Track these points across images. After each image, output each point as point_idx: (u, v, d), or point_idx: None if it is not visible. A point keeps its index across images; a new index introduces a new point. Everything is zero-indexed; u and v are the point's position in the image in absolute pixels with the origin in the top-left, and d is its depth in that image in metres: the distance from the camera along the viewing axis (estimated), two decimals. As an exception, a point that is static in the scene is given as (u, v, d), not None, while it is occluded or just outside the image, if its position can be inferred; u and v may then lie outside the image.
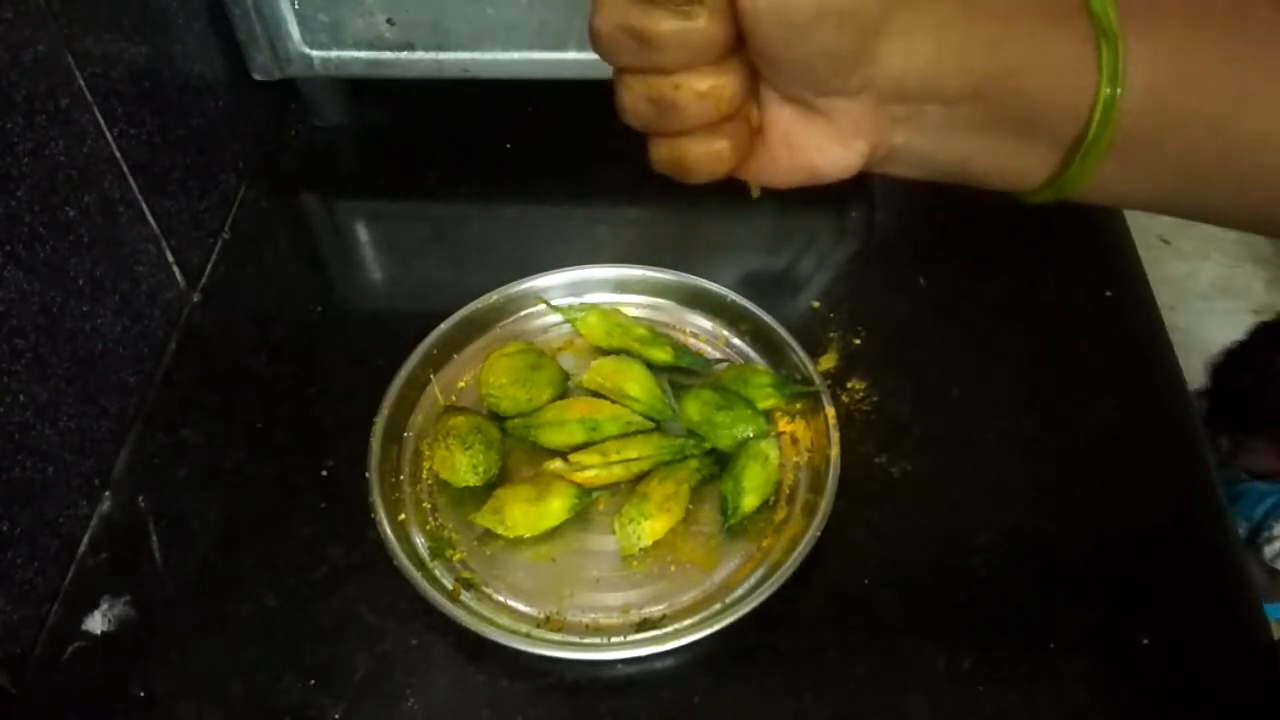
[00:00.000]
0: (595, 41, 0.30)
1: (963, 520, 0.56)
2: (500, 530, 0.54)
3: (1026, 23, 0.31)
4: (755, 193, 0.35)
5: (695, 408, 0.58)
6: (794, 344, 0.60)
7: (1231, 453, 1.15)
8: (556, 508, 0.54)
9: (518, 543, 0.55)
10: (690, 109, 0.31)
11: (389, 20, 0.71)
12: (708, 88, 0.30)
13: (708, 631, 0.49)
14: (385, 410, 0.58)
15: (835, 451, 0.55)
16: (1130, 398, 0.61)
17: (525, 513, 0.54)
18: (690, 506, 0.56)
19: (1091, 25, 0.30)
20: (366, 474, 0.55)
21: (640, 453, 0.57)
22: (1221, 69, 0.31)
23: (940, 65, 0.31)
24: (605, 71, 0.32)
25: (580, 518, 0.56)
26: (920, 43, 0.30)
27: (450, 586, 0.53)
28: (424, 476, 0.58)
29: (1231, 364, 1.15)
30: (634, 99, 0.31)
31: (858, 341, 0.64)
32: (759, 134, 0.33)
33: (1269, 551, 1.12)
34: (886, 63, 0.30)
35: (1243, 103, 0.31)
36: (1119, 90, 0.30)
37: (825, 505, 0.53)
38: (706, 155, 0.32)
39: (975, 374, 0.62)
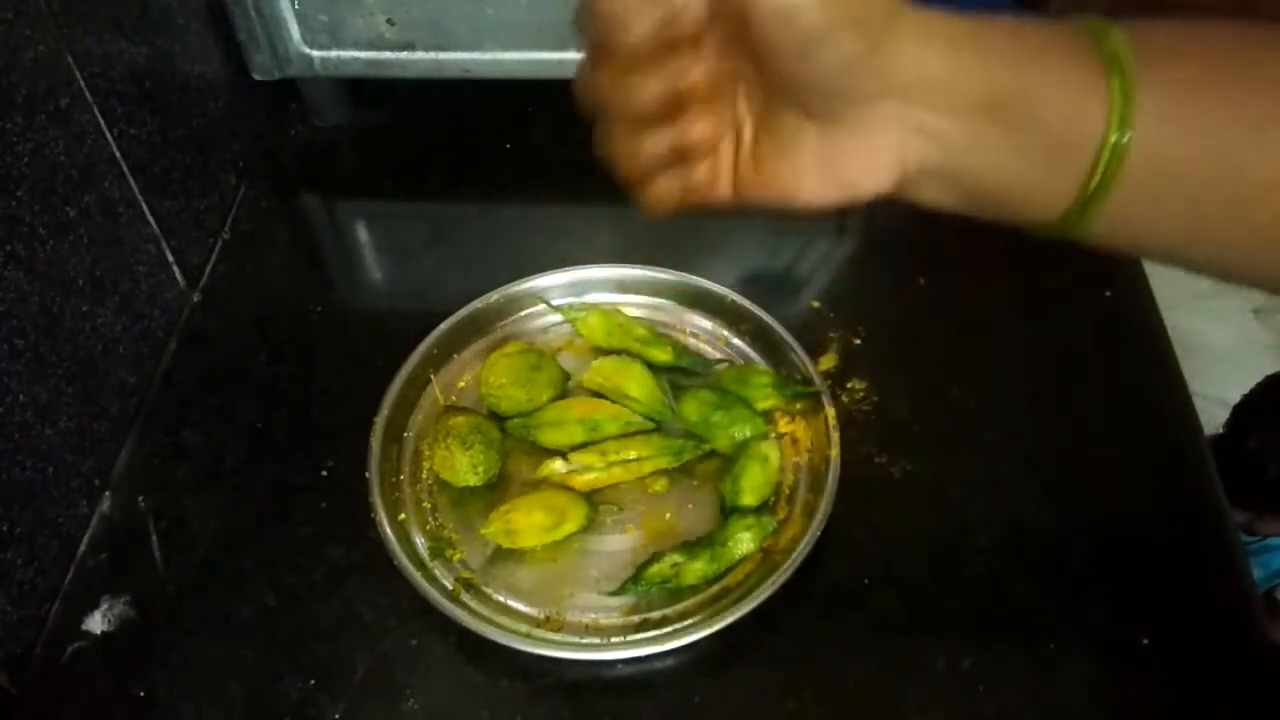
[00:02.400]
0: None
1: (963, 520, 0.56)
2: (508, 545, 0.54)
3: (1040, 48, 0.31)
4: (794, 212, 0.35)
5: (694, 408, 0.58)
6: (794, 344, 0.60)
7: (1248, 524, 1.14)
8: (569, 528, 0.54)
9: (518, 543, 0.55)
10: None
11: (389, 20, 0.71)
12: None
13: (708, 631, 0.49)
14: (385, 410, 0.58)
15: (835, 451, 0.55)
16: (1130, 398, 0.61)
17: (540, 536, 0.54)
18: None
19: (1104, 67, 0.31)
20: (366, 474, 0.55)
21: (640, 453, 0.57)
22: (1231, 117, 0.31)
23: (953, 73, 0.31)
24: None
25: (580, 518, 0.56)
26: (932, 50, 0.31)
27: (450, 586, 0.53)
28: (424, 476, 0.58)
29: (1241, 431, 1.12)
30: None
31: (858, 341, 0.64)
32: (786, 157, 0.34)
33: None
34: (900, 68, 0.31)
35: (1252, 151, 0.31)
36: (1127, 138, 0.30)
37: (825, 505, 0.53)
38: (680, 189, 0.35)
39: (975, 374, 0.62)
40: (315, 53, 0.73)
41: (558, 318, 0.64)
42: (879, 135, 0.33)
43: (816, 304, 0.66)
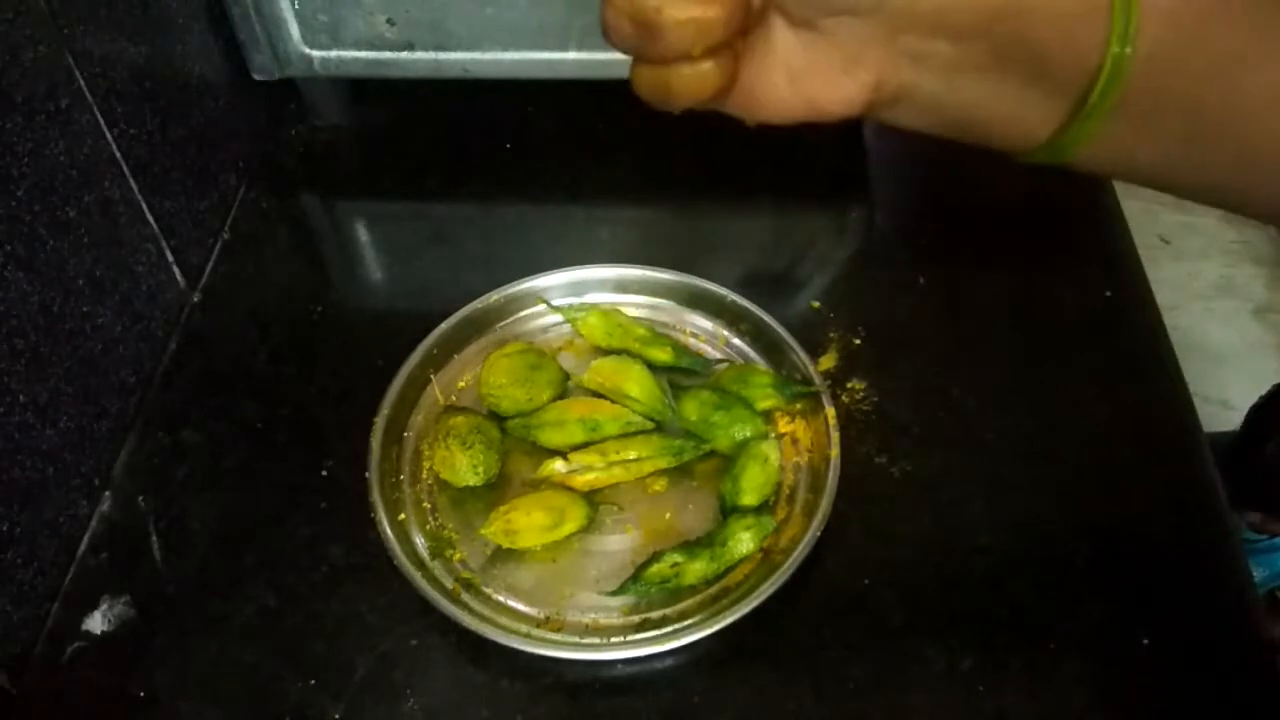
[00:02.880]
0: None
1: (963, 520, 0.56)
2: (508, 545, 0.54)
3: None
4: (751, 122, 0.33)
5: (693, 408, 0.58)
6: (794, 344, 0.60)
7: (1262, 523, 1.14)
8: (569, 528, 0.54)
9: (518, 543, 0.55)
10: (671, 35, 0.29)
11: (389, 20, 0.71)
12: (687, 17, 0.29)
13: (708, 631, 0.49)
14: (385, 410, 0.58)
15: (835, 451, 0.55)
16: (1130, 398, 0.61)
17: (540, 536, 0.54)
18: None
19: None
20: (366, 474, 0.55)
21: (640, 453, 0.57)
22: (1232, 30, 0.30)
23: None
24: (605, 72, 0.32)
25: (580, 518, 0.56)
26: None
27: (450, 586, 0.53)
28: (424, 476, 0.58)
29: (1257, 433, 1.12)
30: (617, 16, 0.30)
31: (858, 341, 0.64)
32: (755, 62, 0.32)
33: None
34: None
35: (1251, 65, 0.30)
36: (1128, 50, 0.29)
37: (825, 505, 0.53)
38: (690, 77, 0.31)
39: (975, 374, 0.62)
40: (315, 53, 0.73)
41: (557, 318, 0.64)
42: (860, 52, 0.31)
43: (816, 304, 0.66)
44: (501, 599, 0.53)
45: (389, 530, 0.53)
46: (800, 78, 0.32)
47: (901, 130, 0.35)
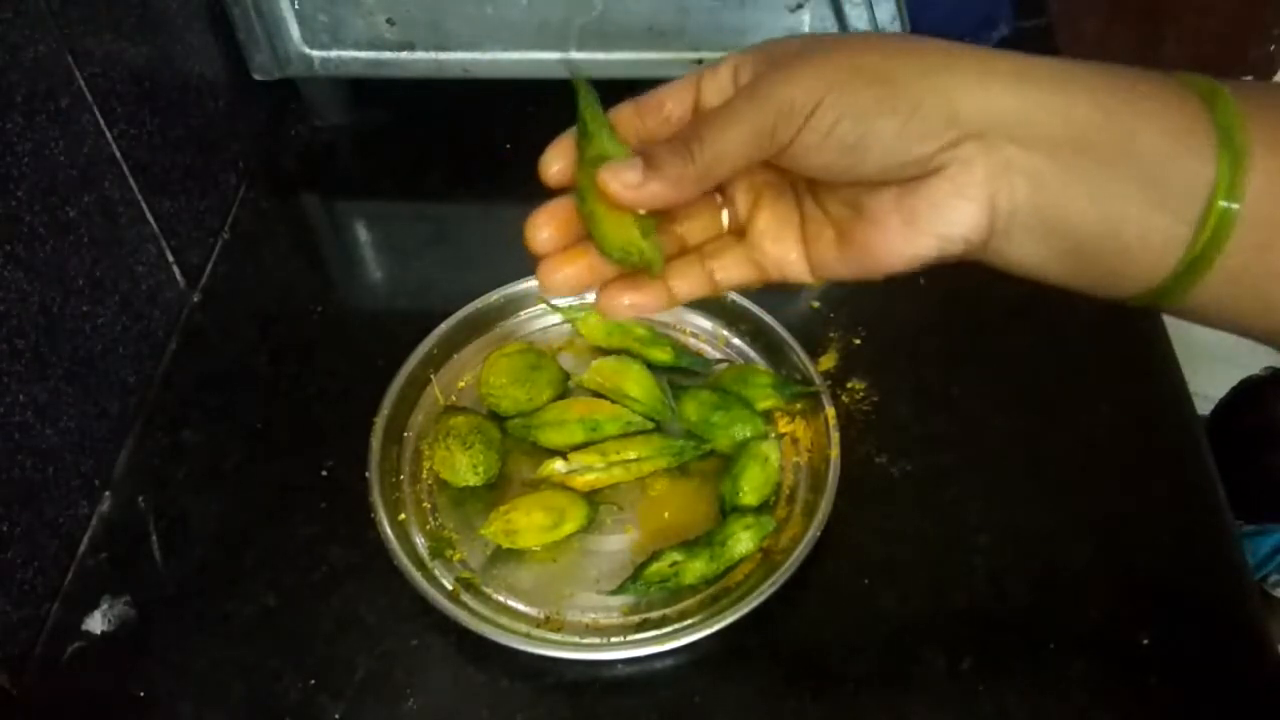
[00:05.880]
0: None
1: (963, 520, 0.56)
2: (508, 545, 0.54)
3: (1133, 90, 0.29)
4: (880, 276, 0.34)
5: (693, 408, 0.58)
6: (794, 344, 0.60)
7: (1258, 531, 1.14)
8: (569, 528, 0.54)
9: (518, 543, 0.55)
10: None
11: (389, 20, 0.71)
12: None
13: (708, 631, 0.49)
14: (385, 410, 0.58)
15: (835, 451, 0.55)
16: (1130, 398, 0.61)
17: (540, 536, 0.54)
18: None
19: (1209, 119, 0.29)
20: (366, 474, 0.55)
21: (640, 453, 0.57)
22: None
23: (1028, 108, 0.29)
24: (606, 72, 0.32)
25: (580, 518, 0.56)
26: (997, 87, 0.29)
27: (450, 586, 0.53)
28: (424, 476, 0.58)
29: (1227, 433, 1.12)
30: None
31: (858, 341, 0.64)
32: (862, 225, 0.33)
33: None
34: (967, 112, 0.29)
35: None
36: (1236, 206, 0.28)
37: (825, 505, 0.53)
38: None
39: (975, 374, 0.62)
40: (315, 53, 0.73)
41: (557, 318, 0.64)
42: (964, 173, 0.30)
43: (816, 304, 0.66)
44: (501, 599, 0.53)
45: (389, 530, 0.53)
46: (914, 220, 0.32)
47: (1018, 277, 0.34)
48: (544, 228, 0.35)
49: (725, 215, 0.36)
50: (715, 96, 0.33)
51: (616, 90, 0.36)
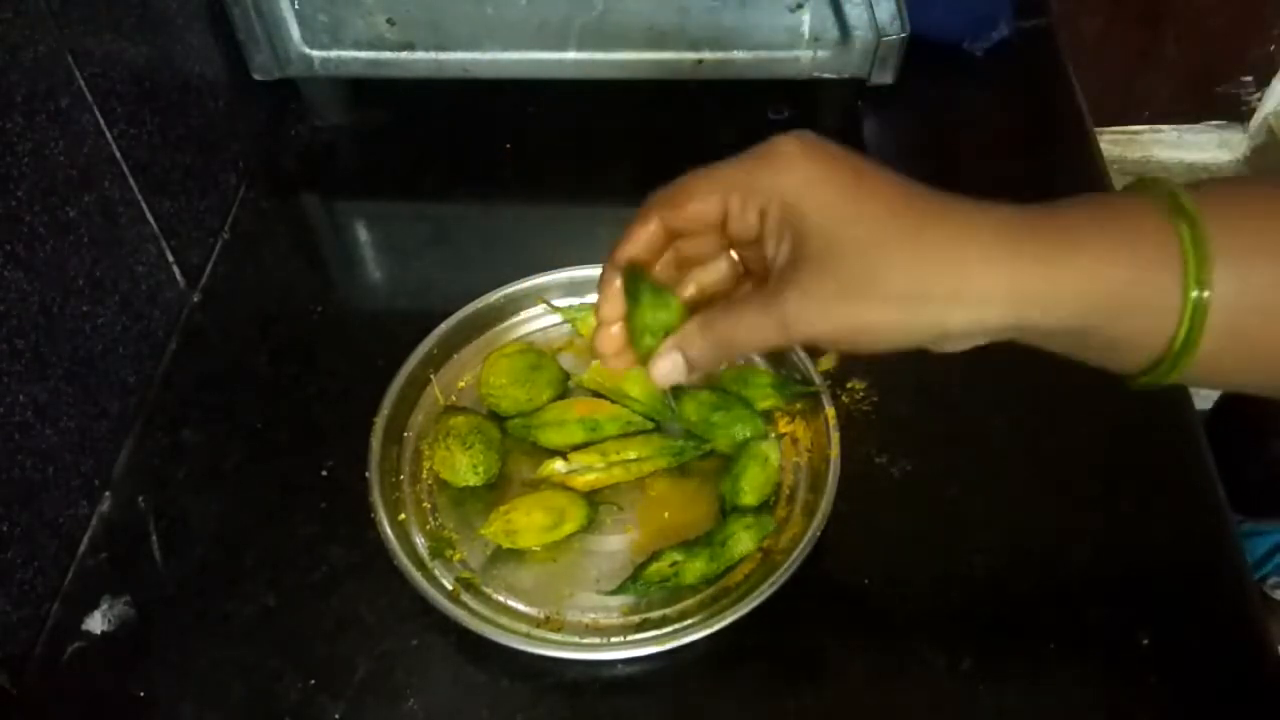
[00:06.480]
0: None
1: (963, 520, 0.56)
2: (508, 545, 0.54)
3: (1108, 274, 0.32)
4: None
5: (693, 408, 0.58)
6: (794, 344, 0.60)
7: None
8: (569, 528, 0.54)
9: (518, 543, 0.55)
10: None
11: (389, 20, 0.71)
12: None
13: (708, 631, 0.49)
14: (385, 410, 0.58)
15: (835, 451, 0.55)
16: (1130, 397, 0.61)
17: (539, 536, 0.54)
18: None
19: (1173, 230, 0.31)
20: (366, 474, 0.55)
21: (640, 453, 0.57)
22: None
23: (1030, 289, 0.33)
24: (605, 71, 0.32)
25: (580, 518, 0.56)
26: (997, 269, 0.33)
27: (450, 586, 0.53)
28: (424, 476, 0.58)
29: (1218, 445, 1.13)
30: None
31: (858, 341, 0.64)
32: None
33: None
34: (971, 293, 0.33)
35: None
36: (1207, 294, 0.31)
37: (825, 505, 0.53)
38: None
39: (975, 374, 0.62)
40: (315, 53, 0.73)
41: (557, 318, 0.64)
42: (958, 345, 0.36)
43: (816, 304, 0.66)
44: (501, 599, 0.53)
45: (389, 530, 0.53)
46: (910, 304, 0.34)
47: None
48: (608, 350, 0.41)
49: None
50: (743, 229, 0.37)
51: (616, 90, 0.36)
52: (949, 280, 0.33)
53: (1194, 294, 0.31)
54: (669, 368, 0.38)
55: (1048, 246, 0.33)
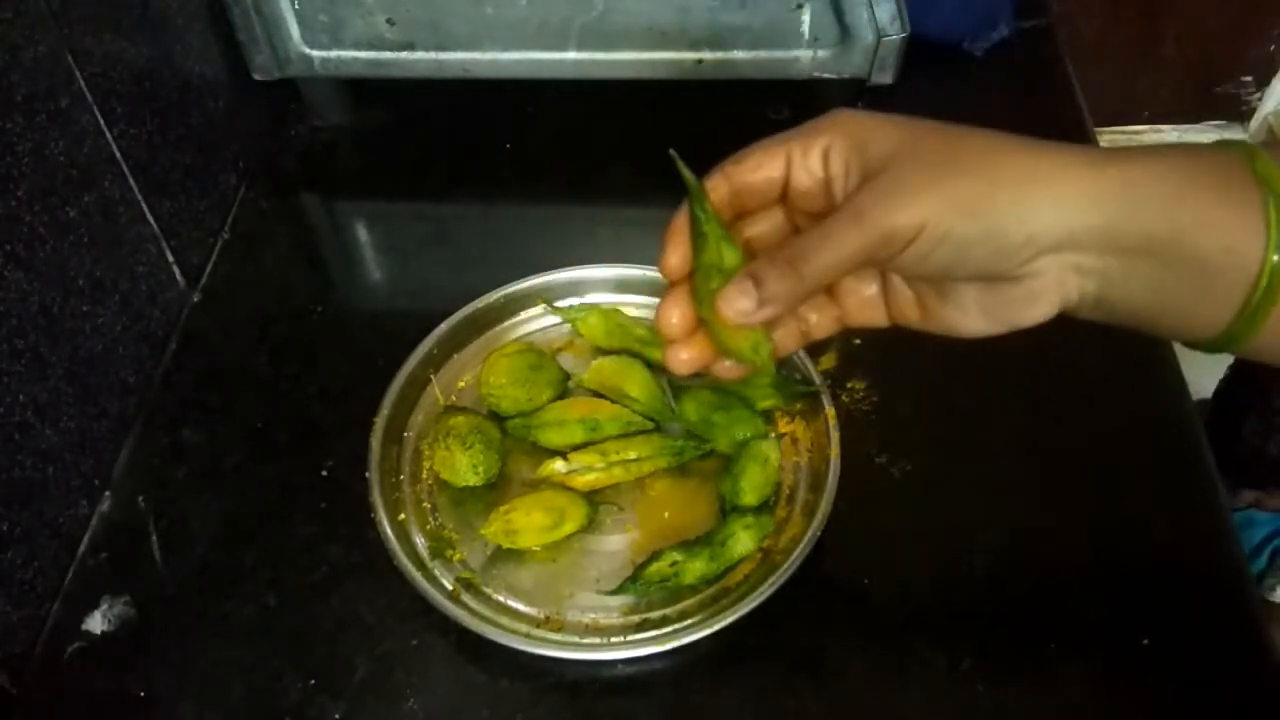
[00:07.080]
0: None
1: (963, 520, 0.56)
2: (508, 545, 0.54)
3: (1190, 181, 0.33)
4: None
5: (693, 408, 0.58)
6: (794, 344, 0.60)
7: (1257, 501, 1.14)
8: (569, 528, 0.54)
9: (518, 543, 0.55)
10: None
11: (389, 20, 0.71)
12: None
13: (708, 631, 0.49)
14: (385, 410, 0.58)
15: (835, 451, 0.55)
16: (1130, 398, 0.61)
17: (540, 536, 0.54)
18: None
19: (1259, 190, 0.32)
20: (366, 474, 0.55)
21: (640, 453, 0.57)
22: None
23: (1101, 225, 0.33)
24: (605, 71, 0.32)
25: (580, 518, 0.56)
26: (1073, 207, 0.33)
27: (450, 586, 0.53)
28: (424, 476, 0.58)
29: (1228, 418, 1.14)
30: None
31: (858, 341, 0.64)
32: (945, 306, 0.38)
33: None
34: (1043, 233, 0.33)
35: None
36: None
37: (825, 505, 0.53)
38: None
39: (975, 374, 0.62)
40: (315, 53, 0.73)
41: (557, 318, 0.64)
42: (1038, 281, 0.35)
43: (816, 304, 0.66)
44: (501, 599, 0.53)
45: (389, 530, 0.53)
46: (993, 310, 0.37)
47: None
48: (672, 317, 0.39)
49: None
50: (806, 177, 0.37)
51: (616, 91, 0.36)
52: (1027, 169, 0.33)
53: (1275, 258, 0.31)
54: (739, 297, 0.35)
55: (1128, 166, 0.33)
